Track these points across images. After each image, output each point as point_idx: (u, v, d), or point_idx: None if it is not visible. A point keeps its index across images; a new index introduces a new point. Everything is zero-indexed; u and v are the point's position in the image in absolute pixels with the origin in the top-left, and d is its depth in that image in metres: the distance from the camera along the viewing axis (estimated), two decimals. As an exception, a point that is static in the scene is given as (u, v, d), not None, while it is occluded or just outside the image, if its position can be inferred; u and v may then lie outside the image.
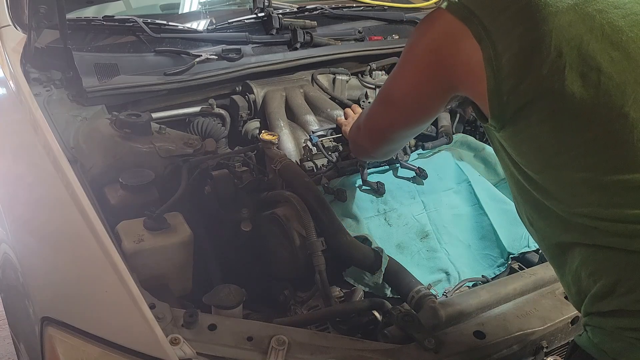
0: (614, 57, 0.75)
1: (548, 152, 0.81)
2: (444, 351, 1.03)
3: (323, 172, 1.56)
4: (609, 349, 0.82)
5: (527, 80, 0.78)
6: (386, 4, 2.30)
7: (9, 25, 1.71)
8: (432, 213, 1.53)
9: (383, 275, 1.26)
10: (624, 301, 0.79)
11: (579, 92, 0.76)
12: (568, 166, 0.80)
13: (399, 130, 1.17)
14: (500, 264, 1.48)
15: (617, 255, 0.79)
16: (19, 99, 1.46)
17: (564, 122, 0.78)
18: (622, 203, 0.77)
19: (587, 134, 0.77)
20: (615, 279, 0.80)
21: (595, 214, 0.80)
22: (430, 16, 0.90)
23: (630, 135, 0.75)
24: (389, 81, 1.11)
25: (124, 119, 1.51)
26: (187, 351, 0.95)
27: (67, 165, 1.21)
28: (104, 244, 1.04)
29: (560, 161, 0.81)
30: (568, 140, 0.79)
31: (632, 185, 0.76)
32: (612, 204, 0.78)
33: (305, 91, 1.85)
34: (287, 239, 1.35)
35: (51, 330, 1.05)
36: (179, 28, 1.84)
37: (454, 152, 1.69)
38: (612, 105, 0.75)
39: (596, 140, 0.77)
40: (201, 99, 1.78)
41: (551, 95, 0.77)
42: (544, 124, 0.80)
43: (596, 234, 0.81)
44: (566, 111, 0.77)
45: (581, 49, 0.75)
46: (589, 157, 0.78)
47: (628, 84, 0.75)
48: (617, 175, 0.77)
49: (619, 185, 0.77)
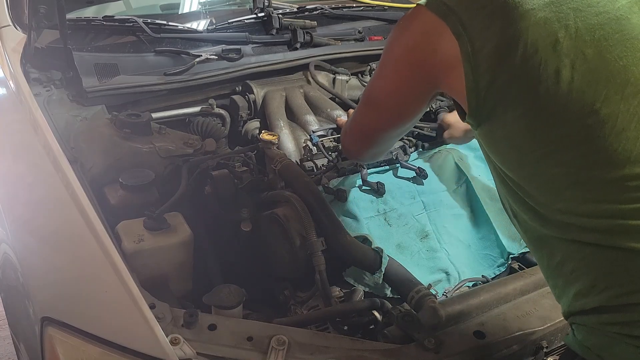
0: (587, 54, 0.77)
1: (524, 149, 0.82)
2: (444, 351, 1.03)
3: (323, 172, 1.56)
4: (592, 345, 0.83)
5: (504, 76, 0.79)
6: (386, 4, 2.30)
7: (9, 25, 1.71)
8: (432, 213, 1.53)
9: (383, 275, 1.26)
10: (604, 297, 0.80)
11: (553, 89, 0.77)
12: (543, 163, 0.81)
13: (383, 132, 1.15)
14: (500, 264, 1.48)
15: (595, 251, 0.80)
16: (19, 99, 1.46)
17: (539, 119, 0.79)
18: (597, 198, 0.79)
19: (561, 129, 0.79)
20: (594, 276, 0.81)
21: (571, 210, 0.81)
22: (409, 14, 0.90)
23: (602, 131, 0.77)
24: (371, 82, 1.10)
25: (124, 119, 1.52)
26: (187, 351, 0.95)
27: (67, 165, 1.21)
28: (104, 244, 1.04)
29: (535, 158, 0.82)
30: (542, 137, 0.80)
31: (605, 180, 0.78)
32: (586, 199, 0.79)
33: (305, 91, 1.85)
34: (287, 239, 1.35)
35: (51, 330, 1.05)
36: (179, 28, 1.84)
37: (454, 152, 1.69)
38: (585, 101, 0.77)
39: (570, 136, 0.78)
40: (201, 99, 1.78)
41: (526, 91, 0.78)
42: (519, 121, 0.81)
43: (573, 230, 0.82)
44: (540, 108, 0.78)
45: (556, 46, 0.77)
46: (563, 153, 0.80)
47: (600, 81, 0.77)
48: (590, 170, 0.78)
49: (593, 181, 0.78)
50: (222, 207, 1.43)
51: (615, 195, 0.78)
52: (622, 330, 0.79)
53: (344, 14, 2.17)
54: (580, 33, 0.77)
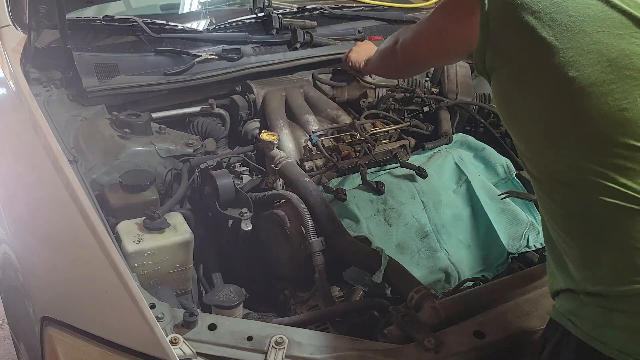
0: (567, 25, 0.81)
1: (514, 106, 0.89)
2: (444, 351, 1.03)
3: (323, 172, 1.56)
4: (565, 311, 0.88)
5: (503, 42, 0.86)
6: (386, 4, 2.30)
7: (9, 25, 1.71)
8: (432, 213, 1.53)
9: (383, 275, 1.26)
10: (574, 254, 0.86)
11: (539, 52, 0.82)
12: (528, 121, 0.87)
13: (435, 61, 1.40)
14: (500, 264, 1.48)
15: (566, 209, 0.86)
16: (19, 99, 1.46)
17: (524, 78, 0.85)
18: (571, 155, 0.83)
19: (542, 90, 0.83)
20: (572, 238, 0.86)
21: (550, 168, 0.86)
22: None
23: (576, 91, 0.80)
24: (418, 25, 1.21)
25: (124, 119, 1.52)
26: (187, 351, 0.95)
27: (67, 165, 1.21)
28: (104, 244, 1.04)
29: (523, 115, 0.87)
30: (529, 95, 0.85)
31: (578, 137, 0.82)
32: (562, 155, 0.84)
33: (305, 91, 1.85)
34: (287, 239, 1.35)
35: (51, 330, 1.05)
36: (179, 28, 1.84)
37: (454, 152, 1.69)
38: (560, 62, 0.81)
39: (550, 96, 0.83)
40: (201, 99, 1.78)
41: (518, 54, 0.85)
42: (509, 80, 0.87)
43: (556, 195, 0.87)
44: (526, 67, 0.84)
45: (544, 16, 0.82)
46: (544, 112, 0.84)
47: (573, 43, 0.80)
48: (569, 128, 0.82)
49: (570, 138, 0.83)
50: (222, 207, 1.44)
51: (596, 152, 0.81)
52: (583, 288, 0.85)
53: (344, 14, 2.17)
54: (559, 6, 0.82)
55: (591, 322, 0.84)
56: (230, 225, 1.43)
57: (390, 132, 1.71)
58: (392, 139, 1.72)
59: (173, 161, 1.52)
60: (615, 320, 0.82)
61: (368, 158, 1.61)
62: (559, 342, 0.89)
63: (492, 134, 1.89)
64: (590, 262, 0.85)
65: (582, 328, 0.85)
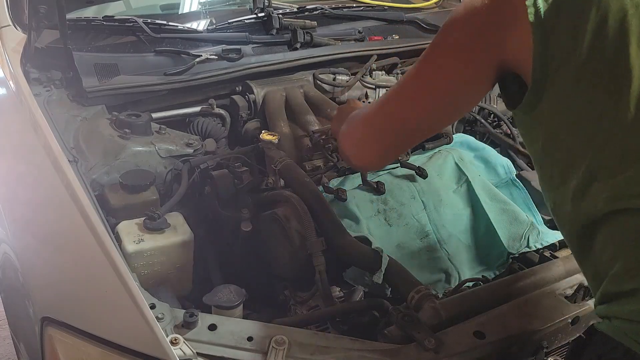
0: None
1: (582, 120, 0.81)
2: (444, 351, 1.03)
3: (323, 172, 1.56)
4: (629, 331, 0.79)
5: (569, 44, 0.79)
6: (386, 4, 2.30)
7: (9, 25, 1.71)
8: (432, 213, 1.53)
9: (383, 275, 1.26)
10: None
11: (614, 63, 0.77)
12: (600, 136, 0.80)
13: (425, 129, 1.07)
14: (500, 264, 1.48)
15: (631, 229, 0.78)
16: (19, 99, 1.46)
17: (598, 91, 0.79)
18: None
19: (617, 104, 0.77)
20: (630, 257, 0.79)
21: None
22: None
23: None
24: (416, 77, 0.99)
25: (124, 119, 1.52)
26: (187, 351, 0.95)
27: (67, 165, 1.21)
28: (104, 244, 1.04)
29: (593, 131, 0.80)
30: (599, 109, 0.79)
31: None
32: None
33: (305, 91, 1.85)
34: (287, 239, 1.35)
35: (51, 330, 1.05)
36: (179, 28, 1.84)
37: (454, 152, 1.69)
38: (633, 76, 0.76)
39: (625, 112, 0.77)
40: (201, 99, 1.78)
41: (589, 62, 0.78)
42: (579, 91, 0.80)
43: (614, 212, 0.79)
44: (600, 80, 0.79)
45: (624, 22, 0.77)
46: (618, 128, 0.78)
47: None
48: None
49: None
50: (222, 207, 1.43)
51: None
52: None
53: (344, 14, 2.17)
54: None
55: None
56: (230, 225, 1.43)
57: (390, 132, 1.70)
58: (392, 139, 1.72)
59: (173, 161, 1.52)
60: None
61: (368, 158, 1.60)
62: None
63: (492, 134, 1.89)
64: None
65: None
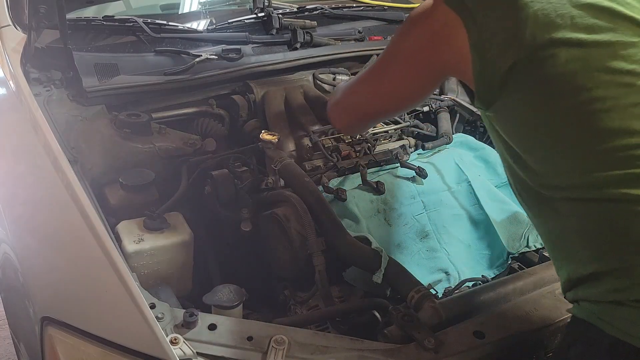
0: (581, 39, 0.83)
1: (529, 126, 0.89)
2: (443, 351, 1.03)
3: (323, 172, 1.56)
4: (597, 311, 0.87)
5: (508, 62, 0.86)
6: (386, 4, 2.30)
7: (9, 25, 1.71)
8: (432, 213, 1.53)
9: (383, 275, 1.26)
10: (600, 263, 0.86)
11: (551, 72, 0.84)
12: (545, 139, 0.88)
13: (386, 114, 1.27)
14: (500, 264, 1.48)
15: (588, 219, 0.86)
16: (19, 99, 1.46)
17: (540, 100, 0.87)
18: (591, 168, 0.84)
19: (559, 108, 0.85)
20: (591, 243, 0.87)
21: (570, 181, 0.87)
22: (426, 8, 0.97)
23: (594, 107, 0.83)
24: (379, 70, 1.11)
25: (124, 119, 1.52)
26: (186, 351, 0.95)
27: (67, 165, 1.21)
28: (104, 244, 1.04)
29: (539, 134, 0.89)
30: (544, 115, 0.87)
31: (597, 151, 0.83)
32: (584, 169, 0.85)
33: (305, 91, 1.85)
34: (287, 239, 1.35)
35: (51, 330, 1.05)
36: (179, 28, 1.84)
37: (454, 152, 1.69)
38: (578, 83, 0.83)
39: (567, 114, 0.85)
40: (201, 99, 1.78)
41: (528, 75, 0.86)
42: (524, 102, 0.88)
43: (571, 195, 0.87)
44: (541, 90, 0.86)
45: (552, 33, 0.84)
46: (562, 129, 0.86)
47: (592, 63, 0.83)
48: (586, 144, 0.84)
49: (587, 153, 0.84)
50: (222, 207, 1.43)
51: (606, 164, 0.83)
52: (621, 297, 0.84)
53: (344, 14, 2.17)
54: (575, 21, 0.84)
55: (628, 321, 0.83)
56: (230, 225, 1.43)
57: (390, 132, 1.71)
58: (392, 139, 1.72)
59: (173, 161, 1.52)
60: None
61: (368, 158, 1.61)
62: (591, 341, 0.88)
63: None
64: (623, 272, 0.84)
65: (619, 327, 0.84)
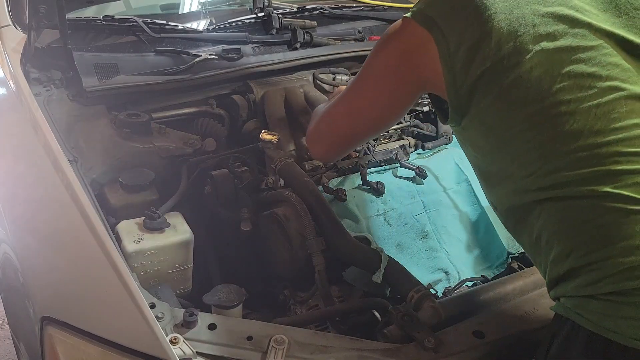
0: (543, 46, 0.89)
1: (498, 131, 0.94)
2: (443, 351, 1.03)
3: (323, 172, 1.56)
4: (572, 305, 0.90)
5: (476, 71, 0.91)
6: (386, 4, 2.30)
7: (9, 25, 1.71)
8: (432, 213, 1.53)
9: (383, 275, 1.26)
10: (572, 259, 0.89)
11: (516, 79, 0.89)
12: (513, 142, 0.92)
13: (364, 137, 1.25)
14: (500, 264, 1.48)
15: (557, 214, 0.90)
16: (19, 99, 1.46)
17: (506, 104, 0.92)
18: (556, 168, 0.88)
19: (524, 111, 0.90)
20: (563, 241, 0.90)
21: (537, 182, 0.91)
22: (397, 26, 1.02)
23: (558, 110, 0.88)
24: (352, 91, 1.13)
25: (124, 119, 1.52)
26: (186, 351, 0.95)
27: (67, 165, 1.21)
28: (104, 244, 1.04)
29: (507, 138, 0.93)
30: (511, 119, 0.92)
31: (562, 152, 0.88)
32: (548, 170, 0.89)
33: (305, 91, 1.85)
34: (287, 238, 1.35)
35: (51, 330, 1.05)
36: (179, 28, 1.84)
37: (454, 152, 1.69)
38: (542, 87, 0.88)
39: (532, 117, 0.90)
40: (201, 99, 1.78)
41: (495, 82, 0.91)
42: (491, 107, 0.93)
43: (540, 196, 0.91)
44: (507, 95, 0.91)
45: (516, 42, 0.89)
46: (528, 131, 0.90)
47: (555, 69, 0.88)
48: (550, 144, 0.89)
49: (553, 154, 0.89)
50: (222, 207, 1.43)
51: (573, 164, 0.87)
52: (593, 291, 0.86)
53: (344, 14, 2.17)
54: (537, 29, 0.89)
55: (601, 314, 0.85)
56: (230, 225, 1.43)
57: (390, 132, 1.71)
58: (392, 139, 1.72)
59: (173, 161, 1.52)
60: (625, 312, 0.84)
61: (368, 158, 1.61)
62: (569, 335, 0.90)
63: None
64: (594, 266, 0.86)
65: (593, 320, 0.86)
